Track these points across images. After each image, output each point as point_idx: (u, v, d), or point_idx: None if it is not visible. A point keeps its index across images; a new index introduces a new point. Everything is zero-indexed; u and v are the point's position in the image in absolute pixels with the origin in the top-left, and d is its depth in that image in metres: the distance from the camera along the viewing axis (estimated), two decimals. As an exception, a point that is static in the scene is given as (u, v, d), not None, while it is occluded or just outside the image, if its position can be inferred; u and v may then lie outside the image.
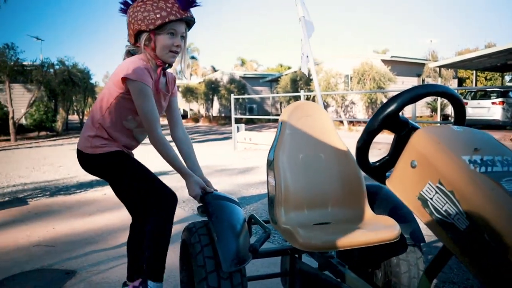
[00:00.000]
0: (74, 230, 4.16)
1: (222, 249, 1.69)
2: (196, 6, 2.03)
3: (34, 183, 6.96)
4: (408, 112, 17.01)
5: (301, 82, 21.35)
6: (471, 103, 15.13)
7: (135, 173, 2.09)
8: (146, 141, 2.17)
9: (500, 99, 14.79)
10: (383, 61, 20.54)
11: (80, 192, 6.16)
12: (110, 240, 3.80)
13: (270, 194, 2.06)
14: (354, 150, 1.34)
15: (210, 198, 1.95)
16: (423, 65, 22.07)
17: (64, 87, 19.33)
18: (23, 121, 18.83)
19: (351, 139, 3.02)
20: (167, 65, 2.08)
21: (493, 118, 14.57)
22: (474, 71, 22.56)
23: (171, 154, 2.01)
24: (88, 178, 7.01)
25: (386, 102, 1.22)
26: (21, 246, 3.68)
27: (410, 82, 21.33)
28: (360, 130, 16.36)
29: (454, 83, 24.55)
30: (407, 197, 1.13)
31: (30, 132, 19.45)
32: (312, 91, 15.46)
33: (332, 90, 19.00)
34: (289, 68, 32.78)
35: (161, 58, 2.03)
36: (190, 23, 2.09)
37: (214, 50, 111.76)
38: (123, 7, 2.07)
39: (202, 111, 30.55)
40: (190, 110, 32.25)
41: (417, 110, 17.88)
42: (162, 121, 2.06)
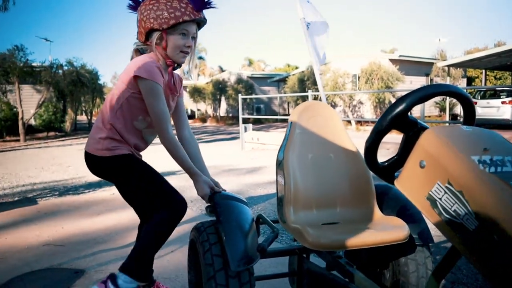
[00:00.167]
0: (83, 229, 4.19)
1: (230, 248, 1.69)
2: (210, 7, 2.00)
3: (43, 183, 7.01)
4: (416, 112, 16.94)
5: (308, 82, 21.30)
6: (480, 103, 14.99)
7: (145, 175, 2.05)
8: (154, 140, 2.18)
9: (509, 99, 14.61)
10: (391, 60, 20.43)
11: (88, 192, 6.20)
12: (118, 239, 3.82)
13: (279, 193, 2.06)
14: (363, 150, 1.34)
15: (218, 198, 1.95)
16: (432, 64, 21.90)
17: (72, 88, 19.46)
18: (32, 121, 19.01)
19: (359, 139, 3.01)
20: (177, 65, 2.06)
21: (502, 118, 14.43)
22: (483, 70, 22.34)
23: (181, 155, 1.99)
24: (96, 178, 7.00)
25: (395, 102, 1.22)
26: (30, 245, 3.72)
27: (418, 82, 21.20)
28: (367, 130, 16.29)
29: (463, 83, 24.37)
30: (416, 197, 1.12)
31: (39, 132, 19.59)
32: (319, 91, 15.39)
33: (339, 89, 18.95)
34: (296, 68, 32.71)
35: (171, 58, 2.01)
36: (200, 24, 2.06)
37: (222, 50, 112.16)
38: (132, 4, 2.04)
39: (210, 111, 30.58)
40: (198, 110, 32.31)
41: (425, 110, 17.80)
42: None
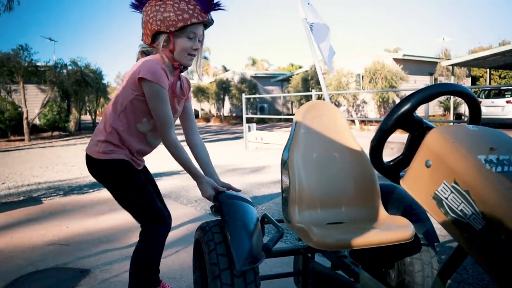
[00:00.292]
0: (87, 229, 4.21)
1: (235, 248, 1.69)
2: (219, 9, 1.96)
3: (48, 183, 7.04)
4: (421, 111, 16.88)
5: (312, 81, 21.27)
6: (485, 102, 14.92)
7: (134, 187, 2.03)
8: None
9: (514, 98, 14.58)
10: (395, 59, 20.39)
11: (93, 191, 6.21)
12: (123, 239, 3.83)
13: (284, 193, 2.06)
14: (367, 150, 1.33)
15: (223, 197, 1.95)
16: (436, 63, 21.83)
17: (77, 88, 19.51)
18: (37, 121, 19.08)
19: (363, 138, 3.01)
20: (183, 67, 2.02)
21: (508, 117, 14.35)
22: (488, 69, 22.27)
23: (184, 157, 1.99)
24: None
25: (400, 101, 1.22)
26: (35, 245, 3.73)
27: (422, 81, 21.15)
28: (371, 130, 16.27)
29: (467, 82, 24.27)
30: (422, 196, 1.12)
31: (44, 132, 19.68)
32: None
33: (343, 89, 18.91)
34: (300, 67, 32.66)
35: (178, 60, 1.97)
36: (207, 25, 2.03)
37: (225, 50, 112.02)
38: (135, 3, 1.97)
39: (213, 111, 30.59)
40: (201, 109, 32.34)
41: (429, 109, 17.72)
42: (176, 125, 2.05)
